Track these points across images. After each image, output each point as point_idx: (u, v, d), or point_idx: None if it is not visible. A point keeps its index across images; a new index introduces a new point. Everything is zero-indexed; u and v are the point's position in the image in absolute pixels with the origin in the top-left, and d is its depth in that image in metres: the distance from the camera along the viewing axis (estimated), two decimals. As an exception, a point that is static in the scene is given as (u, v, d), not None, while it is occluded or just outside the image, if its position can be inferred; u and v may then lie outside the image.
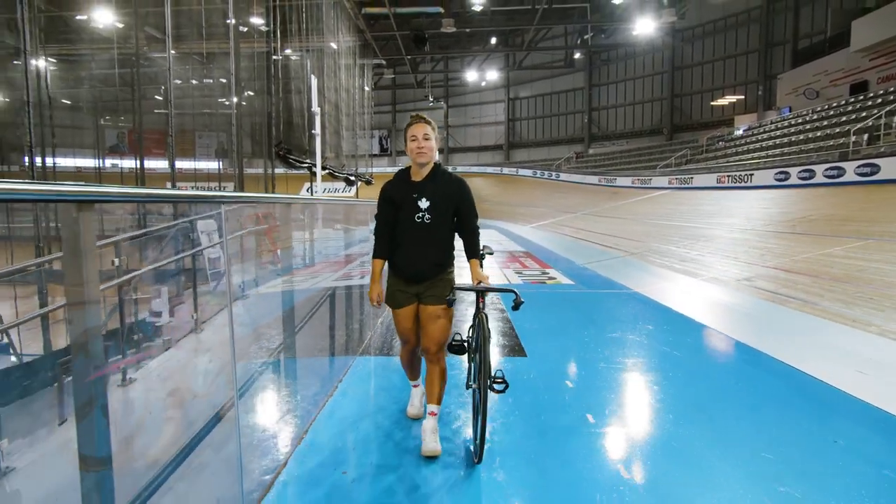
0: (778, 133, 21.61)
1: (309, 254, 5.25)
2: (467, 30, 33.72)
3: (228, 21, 14.78)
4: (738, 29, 31.02)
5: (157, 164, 25.51)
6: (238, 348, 3.31)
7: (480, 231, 2.81)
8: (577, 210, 23.76)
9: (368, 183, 29.98)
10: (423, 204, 2.60)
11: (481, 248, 2.90)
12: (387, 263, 2.81)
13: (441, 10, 30.25)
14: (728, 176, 19.76)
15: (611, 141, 39.65)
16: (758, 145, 21.99)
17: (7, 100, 27.77)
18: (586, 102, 40.88)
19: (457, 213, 2.69)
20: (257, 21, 17.87)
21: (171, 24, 11.00)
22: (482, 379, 2.52)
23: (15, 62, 28.44)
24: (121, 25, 21.78)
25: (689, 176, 22.60)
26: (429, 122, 2.64)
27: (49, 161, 13.28)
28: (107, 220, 6.91)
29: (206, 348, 5.08)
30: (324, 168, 20.97)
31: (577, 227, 18.17)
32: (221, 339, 3.86)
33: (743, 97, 30.69)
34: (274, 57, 17.51)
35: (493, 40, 37.37)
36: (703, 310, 6.24)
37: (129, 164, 27.87)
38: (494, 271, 9.54)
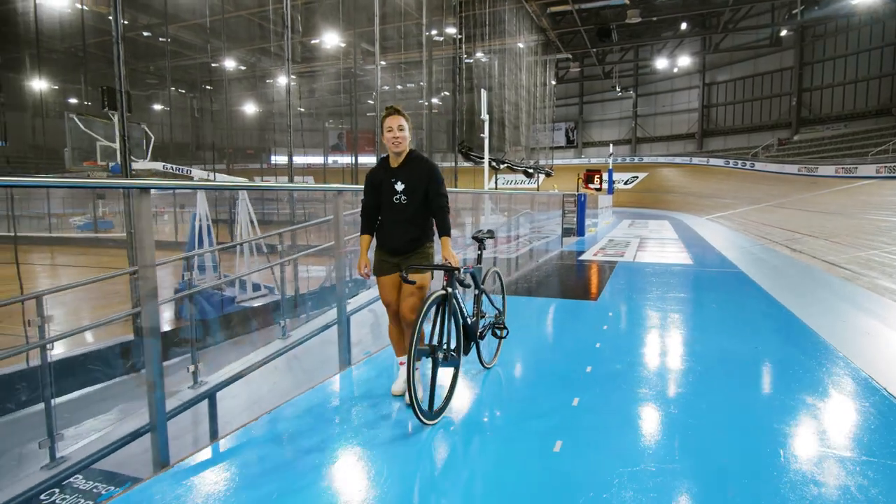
0: None
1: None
2: (654, 18, 33.18)
3: (425, 34, 18.01)
4: None
5: (368, 159, 30.24)
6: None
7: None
8: (763, 202, 22.62)
9: (548, 175, 31.49)
10: (399, 187, 2.89)
11: (485, 231, 3.42)
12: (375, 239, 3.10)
13: (626, 1, 30.39)
14: (945, 163, 17.31)
15: (824, 125, 35.44)
16: None
17: (260, 110, 35.63)
18: (795, 83, 37.02)
19: (426, 193, 2.91)
20: (449, 31, 20.87)
21: (379, 40, 14.21)
22: (410, 348, 2.62)
23: (268, 81, 36.20)
24: (343, 44, 26.88)
25: (901, 163, 20.07)
26: (402, 114, 2.89)
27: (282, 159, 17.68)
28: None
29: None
30: (502, 163, 23.43)
31: (750, 218, 17.78)
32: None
33: None
34: (466, 60, 20.39)
35: (684, 25, 35.91)
36: (788, 286, 6.99)
37: (345, 160, 33.53)
38: (630, 251, 10.88)
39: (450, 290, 2.80)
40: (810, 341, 4.36)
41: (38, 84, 20.65)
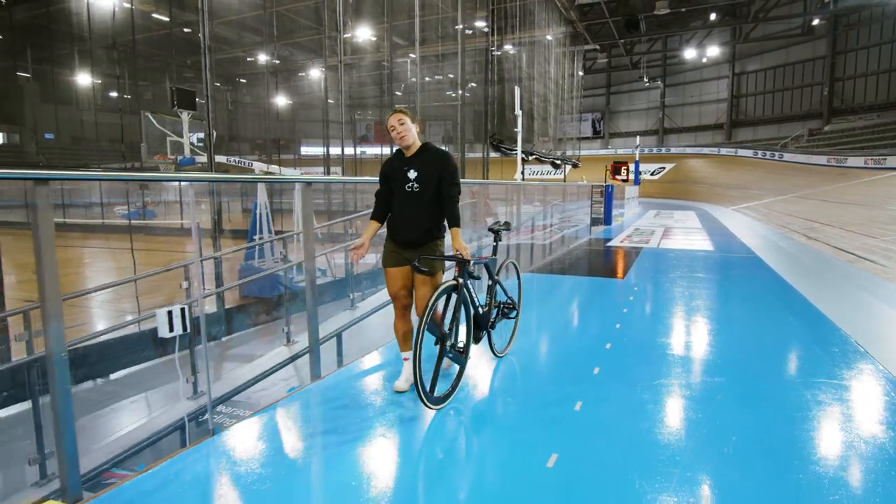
0: None
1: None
2: (683, 8, 33.26)
3: (457, 27, 18.82)
4: None
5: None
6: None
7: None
8: (789, 192, 22.96)
9: (575, 166, 31.98)
10: (412, 174, 2.92)
11: (501, 223, 3.51)
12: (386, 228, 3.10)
13: (655, -9, 30.54)
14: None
15: (857, 115, 35.17)
16: None
17: (291, 102, 36.75)
18: (827, 73, 36.71)
19: (439, 182, 2.92)
20: (478, 24, 21.63)
21: (408, 33, 14.98)
22: (419, 332, 2.62)
23: (300, 74, 37.11)
24: (374, 38, 27.86)
25: (930, 155, 20.21)
26: (401, 111, 2.94)
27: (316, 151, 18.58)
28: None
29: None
30: (531, 154, 24.14)
31: (774, 209, 18.26)
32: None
33: None
34: (495, 53, 21.14)
35: (714, 15, 35.82)
36: (797, 269, 7.71)
37: (373, 150, 34.70)
38: (655, 238, 11.65)
39: (461, 280, 2.88)
40: (804, 308, 5.17)
41: (86, 79, 21.84)
